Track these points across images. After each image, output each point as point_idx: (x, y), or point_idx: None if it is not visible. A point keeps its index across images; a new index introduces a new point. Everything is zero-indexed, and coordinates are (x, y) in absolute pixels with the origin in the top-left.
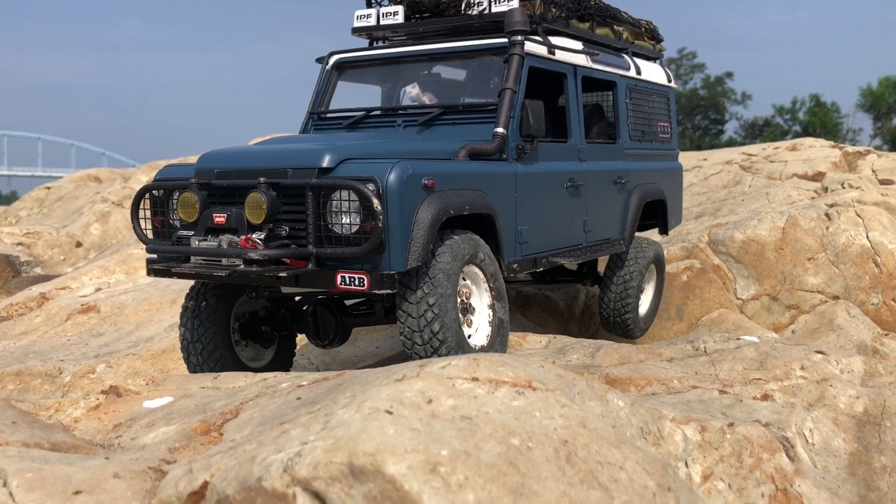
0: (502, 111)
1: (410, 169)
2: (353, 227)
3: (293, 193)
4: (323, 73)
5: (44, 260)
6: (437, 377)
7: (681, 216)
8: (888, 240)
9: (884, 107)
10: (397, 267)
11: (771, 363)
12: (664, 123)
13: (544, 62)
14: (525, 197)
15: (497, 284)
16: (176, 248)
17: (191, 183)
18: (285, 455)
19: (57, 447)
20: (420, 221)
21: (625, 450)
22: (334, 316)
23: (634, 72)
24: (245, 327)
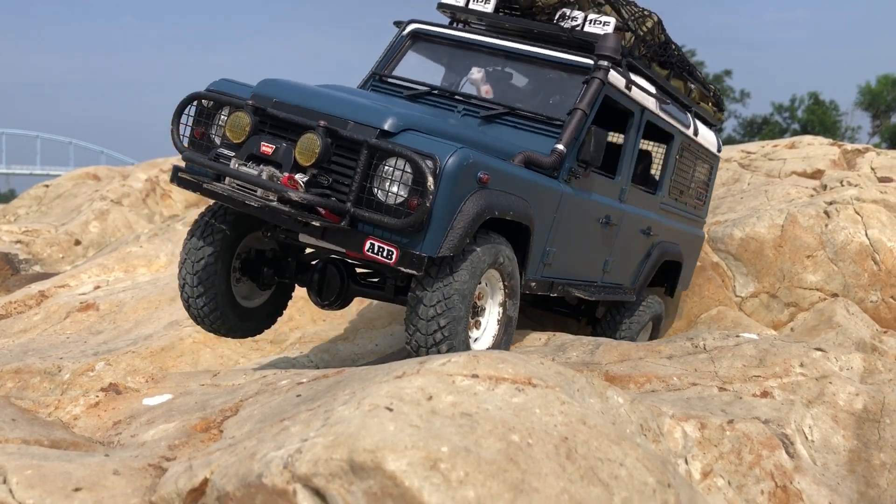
0: (568, 130)
1: (471, 158)
2: (397, 197)
3: (347, 147)
4: (397, 37)
5: (42, 258)
6: (437, 374)
7: (689, 282)
8: (887, 237)
9: (882, 105)
10: (429, 251)
11: (770, 360)
12: (702, 190)
13: (619, 95)
14: (563, 220)
15: (512, 283)
16: (215, 165)
17: (246, 104)
18: (285, 452)
19: (56, 444)
20: (464, 213)
21: (625, 446)
22: (342, 278)
23: (692, 131)
24: (247, 263)
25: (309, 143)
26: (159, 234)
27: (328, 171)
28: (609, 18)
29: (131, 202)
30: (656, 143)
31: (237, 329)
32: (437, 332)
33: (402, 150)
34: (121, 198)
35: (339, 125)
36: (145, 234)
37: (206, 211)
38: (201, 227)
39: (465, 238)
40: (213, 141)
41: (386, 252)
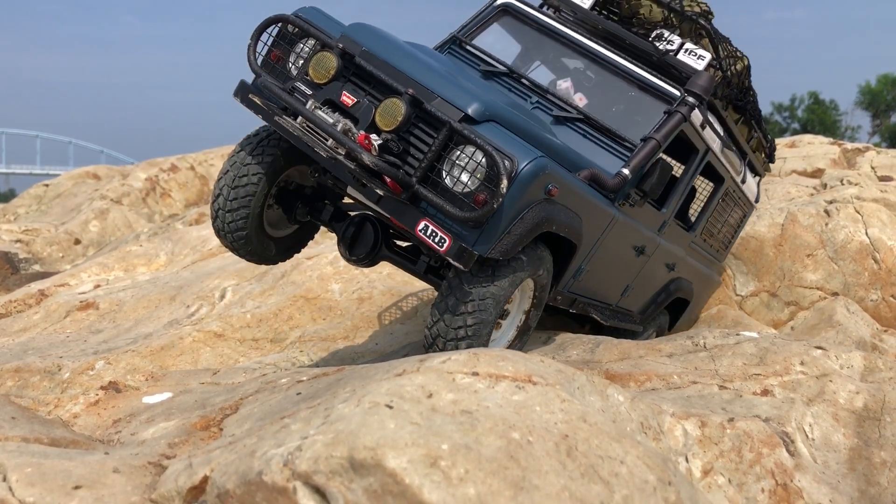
0: (637, 157)
1: (548, 169)
2: (465, 187)
3: (428, 122)
4: (487, 6)
5: (42, 257)
6: (437, 372)
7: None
8: (887, 236)
9: (882, 104)
10: (482, 250)
11: (771, 358)
12: (729, 236)
13: (692, 132)
14: (605, 242)
15: (542, 294)
16: (291, 101)
17: (336, 45)
18: (286, 449)
19: (56, 442)
20: (525, 221)
21: (625, 444)
22: (376, 238)
23: (741, 179)
24: (285, 193)
25: (393, 107)
26: (159, 234)
27: (403, 140)
28: (705, 53)
29: (131, 201)
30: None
31: (255, 253)
32: (462, 329)
33: (484, 143)
34: (121, 197)
35: (425, 96)
36: (145, 234)
37: (261, 129)
38: (253, 144)
39: (518, 246)
40: (289, 70)
41: (439, 238)
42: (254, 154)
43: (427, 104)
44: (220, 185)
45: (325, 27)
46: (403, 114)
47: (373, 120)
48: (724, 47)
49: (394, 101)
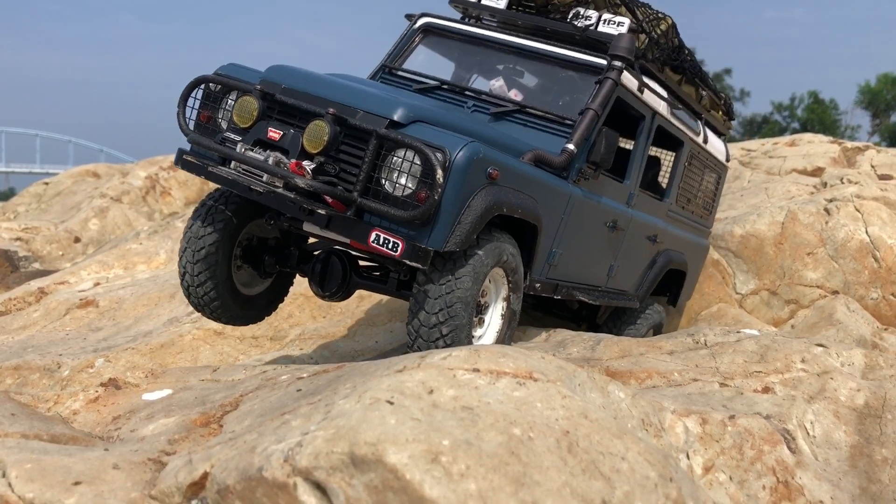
0: (579, 130)
1: (482, 152)
2: (405, 189)
3: (356, 136)
4: (408, 30)
5: (42, 255)
6: (438, 368)
7: (692, 292)
8: (887, 235)
9: (882, 103)
10: (436, 245)
11: (771, 356)
12: (708, 199)
13: (631, 98)
14: (570, 221)
15: (516, 278)
16: (220, 148)
17: (254, 88)
18: (286, 445)
19: (56, 439)
20: (473, 208)
21: (626, 440)
22: (344, 269)
23: (702, 139)
24: (249, 251)
25: (317, 129)
26: (159, 232)
27: (336, 159)
28: (623, 19)
29: (131, 199)
30: (665, 151)
31: (238, 317)
32: (440, 340)
33: (413, 142)
34: (120, 195)
35: (348, 114)
36: (145, 232)
37: (208, 197)
38: (203, 213)
39: (473, 233)
40: (219, 125)
41: (391, 244)
42: (206, 223)
43: (351, 119)
44: (182, 262)
45: (245, 77)
46: (328, 133)
47: (302, 147)
48: (643, 11)
49: (317, 124)
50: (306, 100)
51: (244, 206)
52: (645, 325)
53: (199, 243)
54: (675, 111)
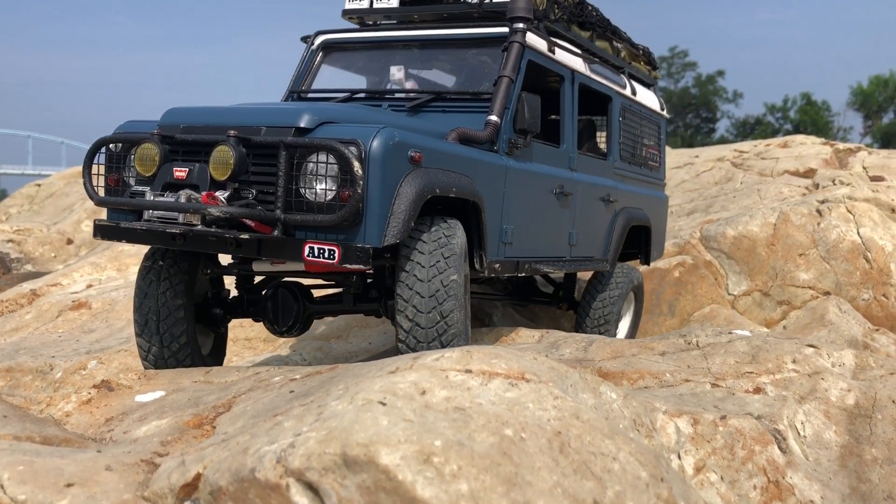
0: (497, 99)
1: (397, 136)
2: (328, 193)
3: (264, 154)
4: (307, 52)
5: (34, 257)
6: (430, 369)
7: (663, 248)
8: (878, 236)
9: (874, 105)
10: (373, 241)
11: (763, 356)
12: (654, 151)
13: (543, 59)
14: (513, 194)
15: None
16: (127, 201)
17: (152, 135)
18: (279, 446)
19: (48, 441)
20: (402, 195)
21: (618, 441)
22: (296, 300)
23: (630, 92)
24: (199, 307)
25: (222, 155)
26: None
27: (249, 183)
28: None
29: None
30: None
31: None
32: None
33: (322, 142)
34: None
35: (251, 133)
36: None
37: (147, 256)
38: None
39: (410, 221)
40: (129, 184)
41: (327, 252)
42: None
43: (255, 138)
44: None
45: (143, 129)
46: (233, 155)
47: (211, 178)
48: None
49: (220, 149)
50: (205, 131)
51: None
52: (624, 287)
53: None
54: (595, 67)
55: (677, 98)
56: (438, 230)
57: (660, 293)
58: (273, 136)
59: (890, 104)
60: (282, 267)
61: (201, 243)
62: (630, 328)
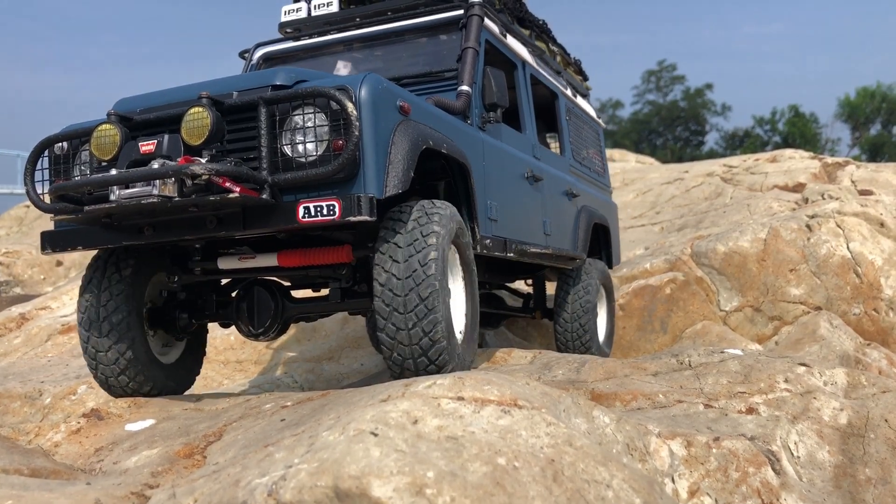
0: (466, 69)
1: (384, 83)
2: (319, 146)
3: (240, 118)
4: (247, 68)
5: (23, 280)
6: (422, 397)
7: (620, 254)
8: (868, 250)
9: (861, 117)
10: (375, 191)
11: (755, 376)
12: (597, 157)
13: (498, 42)
14: (492, 169)
15: (468, 255)
16: (94, 178)
17: (109, 115)
18: (269, 479)
19: (37, 473)
20: (398, 144)
21: (611, 468)
22: (273, 297)
23: (571, 94)
24: (157, 312)
25: (196, 116)
26: None
27: (225, 152)
28: None
29: None
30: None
31: (163, 391)
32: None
33: (310, 90)
34: None
35: (223, 98)
36: None
37: (94, 259)
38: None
39: (410, 170)
40: None
41: (325, 208)
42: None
43: (228, 101)
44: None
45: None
46: (210, 116)
47: (185, 145)
48: None
49: (195, 111)
50: (170, 108)
51: (141, 260)
52: (593, 279)
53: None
54: (542, 62)
55: (666, 111)
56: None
57: (652, 310)
58: (250, 97)
59: (877, 116)
60: (251, 263)
61: (176, 228)
62: (608, 325)
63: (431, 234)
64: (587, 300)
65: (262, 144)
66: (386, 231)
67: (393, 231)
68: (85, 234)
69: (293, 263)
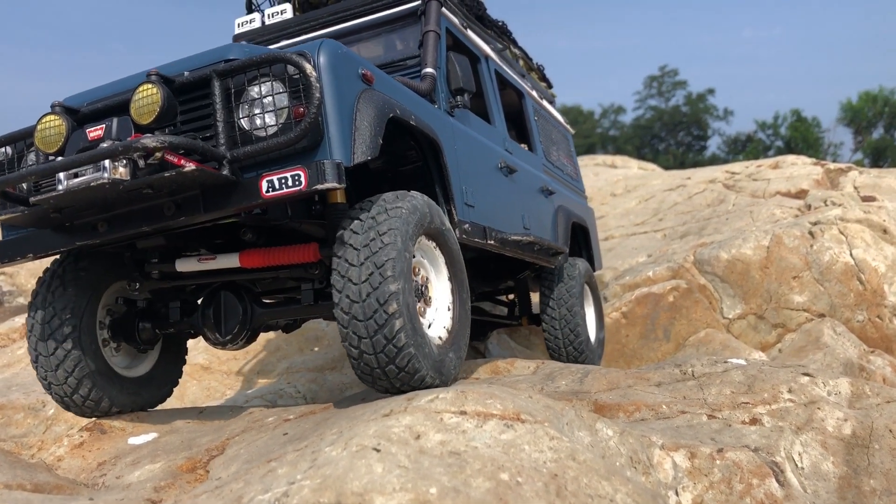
0: (428, 52)
1: (343, 49)
2: (279, 115)
3: (192, 98)
4: None
5: (27, 290)
6: (424, 412)
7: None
8: (871, 257)
9: (864, 121)
10: (341, 157)
11: (759, 386)
12: (569, 162)
13: (458, 32)
14: (464, 154)
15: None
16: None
17: (53, 106)
18: (272, 496)
19: (40, 488)
20: (363, 111)
21: (615, 482)
22: (241, 301)
23: (538, 96)
24: (118, 324)
25: (145, 93)
26: None
27: (180, 134)
28: None
29: None
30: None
31: (131, 406)
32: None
33: (267, 56)
34: None
35: (174, 77)
36: None
37: (46, 272)
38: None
39: (377, 138)
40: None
41: (291, 179)
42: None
43: (179, 79)
44: (33, 354)
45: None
46: (160, 92)
47: (136, 126)
48: None
49: (144, 88)
50: (120, 94)
51: (96, 268)
52: (577, 277)
53: (46, 328)
54: (505, 62)
55: (668, 116)
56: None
57: (654, 318)
58: (202, 73)
59: (879, 119)
60: (212, 264)
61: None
62: (597, 325)
63: (388, 232)
64: (573, 303)
65: (218, 119)
66: (343, 231)
67: (350, 231)
68: (35, 240)
69: (256, 264)
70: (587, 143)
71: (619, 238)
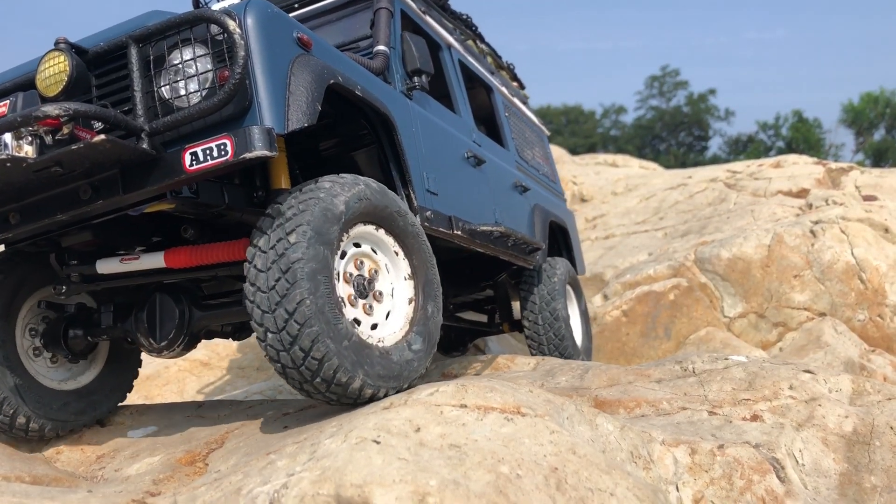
0: (380, 29)
1: (275, 9)
2: (202, 81)
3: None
4: None
5: None
6: (424, 405)
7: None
8: (872, 256)
9: (865, 122)
10: (273, 124)
11: (759, 383)
12: (545, 162)
13: (415, 16)
14: (424, 138)
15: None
16: None
17: None
18: (271, 487)
19: (38, 480)
20: (298, 75)
21: (615, 476)
22: (178, 303)
23: (509, 93)
24: (49, 332)
25: (52, 62)
26: None
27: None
28: None
29: None
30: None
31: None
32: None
33: (184, 16)
34: None
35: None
36: None
37: None
38: None
39: (315, 104)
40: None
41: (217, 149)
42: None
43: (92, 49)
44: None
45: None
46: (67, 59)
47: (43, 98)
48: None
49: (49, 56)
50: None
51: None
52: (559, 277)
53: None
54: (472, 54)
55: (669, 117)
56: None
57: (655, 316)
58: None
59: (881, 121)
60: (135, 264)
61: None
62: (583, 327)
63: (297, 229)
64: (555, 305)
65: (136, 89)
66: (255, 231)
67: (258, 230)
68: None
69: (183, 264)
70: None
71: (619, 237)
